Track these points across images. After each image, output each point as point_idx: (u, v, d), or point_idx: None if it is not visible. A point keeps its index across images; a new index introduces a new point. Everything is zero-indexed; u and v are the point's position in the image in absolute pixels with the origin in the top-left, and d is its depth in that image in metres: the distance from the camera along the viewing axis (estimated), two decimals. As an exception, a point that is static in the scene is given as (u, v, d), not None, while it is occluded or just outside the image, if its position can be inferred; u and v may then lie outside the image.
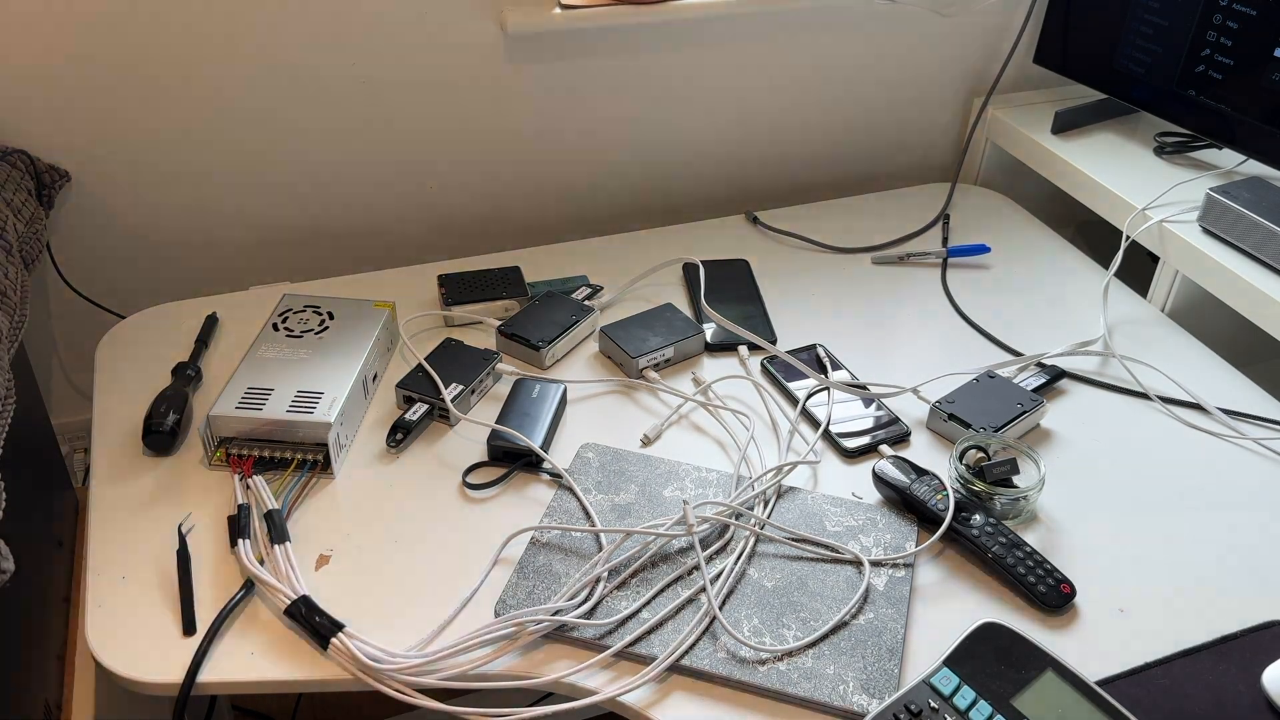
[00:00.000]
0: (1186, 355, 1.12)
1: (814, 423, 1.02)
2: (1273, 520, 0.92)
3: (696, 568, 0.85)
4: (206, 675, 0.77)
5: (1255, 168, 1.28)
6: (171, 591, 0.83)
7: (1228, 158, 1.32)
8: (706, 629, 0.80)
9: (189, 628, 0.79)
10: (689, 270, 1.23)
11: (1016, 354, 1.12)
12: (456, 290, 1.15)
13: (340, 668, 0.77)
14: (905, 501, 0.91)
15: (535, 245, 1.34)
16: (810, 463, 0.97)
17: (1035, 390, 1.05)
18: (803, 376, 1.06)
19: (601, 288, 1.19)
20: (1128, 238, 1.22)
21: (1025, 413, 0.99)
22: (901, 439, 1.00)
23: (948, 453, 0.99)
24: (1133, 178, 1.28)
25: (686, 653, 0.78)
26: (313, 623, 0.78)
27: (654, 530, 0.86)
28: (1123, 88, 1.31)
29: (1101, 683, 0.77)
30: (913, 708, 0.72)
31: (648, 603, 0.81)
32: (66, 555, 1.03)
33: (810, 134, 1.44)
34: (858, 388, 1.05)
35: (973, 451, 0.93)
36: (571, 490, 0.92)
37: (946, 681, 0.73)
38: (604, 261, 1.25)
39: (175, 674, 0.76)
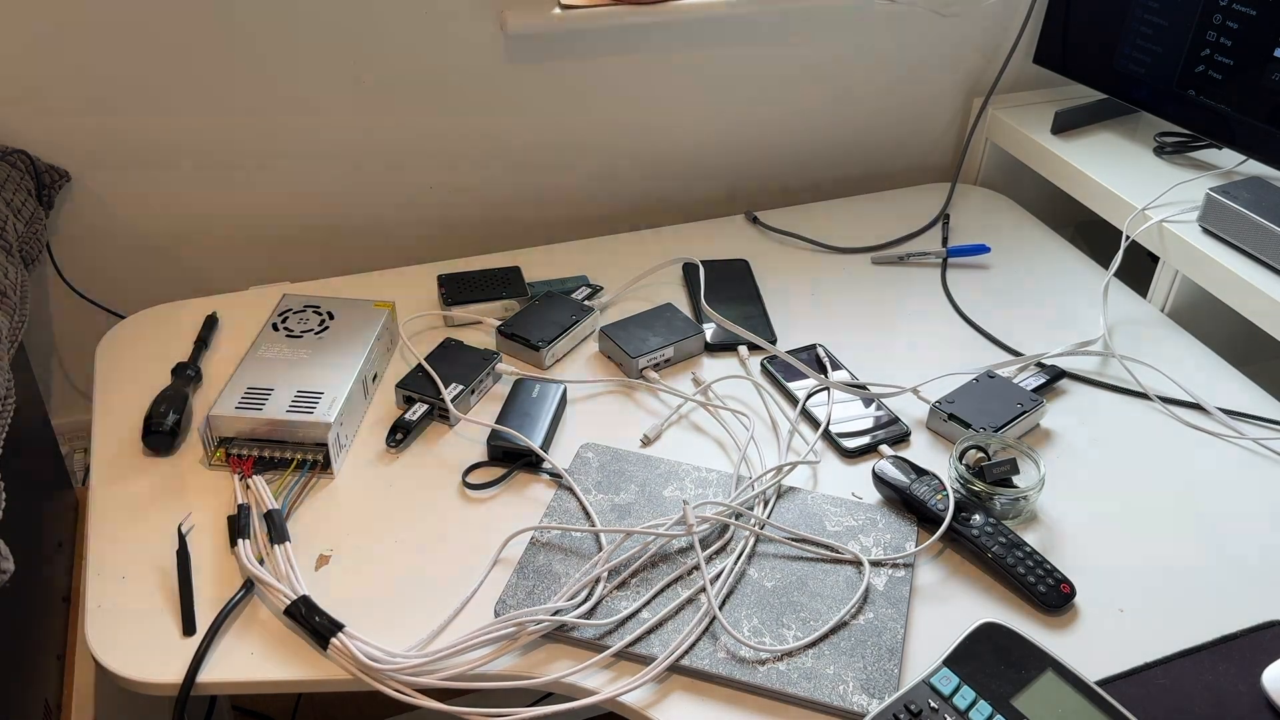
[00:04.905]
0: (1186, 355, 1.12)
1: (814, 423, 1.02)
2: (1272, 520, 0.92)
3: (696, 568, 0.85)
4: (206, 675, 0.77)
5: (1255, 168, 1.28)
6: (171, 591, 0.83)
7: (1228, 158, 1.32)
8: (706, 629, 0.80)
9: (189, 628, 0.79)
10: (689, 270, 1.23)
11: (1016, 354, 1.12)
12: (456, 290, 1.15)
13: (340, 668, 0.77)
14: (905, 501, 0.91)
15: (535, 245, 1.34)
16: (810, 463, 0.97)
17: (1035, 390, 1.04)
18: (803, 376, 1.06)
19: (601, 288, 1.19)
20: (1128, 238, 1.22)
21: (1025, 413, 0.99)
22: (901, 439, 1.00)
23: (948, 453, 0.99)
24: (1133, 178, 1.28)
25: (686, 653, 0.78)
26: (312, 623, 0.78)
27: (654, 530, 0.86)
28: (1123, 88, 1.31)
29: (1101, 683, 0.77)
30: (913, 708, 0.72)
31: (648, 603, 0.81)
32: (66, 555, 1.03)
33: (810, 134, 1.44)
34: (858, 388, 1.05)
35: (973, 451, 0.93)
36: (571, 490, 0.92)
37: (946, 681, 0.73)
38: (604, 261, 1.25)
39: (175, 674, 0.76)
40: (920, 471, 0.92)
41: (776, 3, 1.26)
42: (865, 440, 0.99)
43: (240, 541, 0.85)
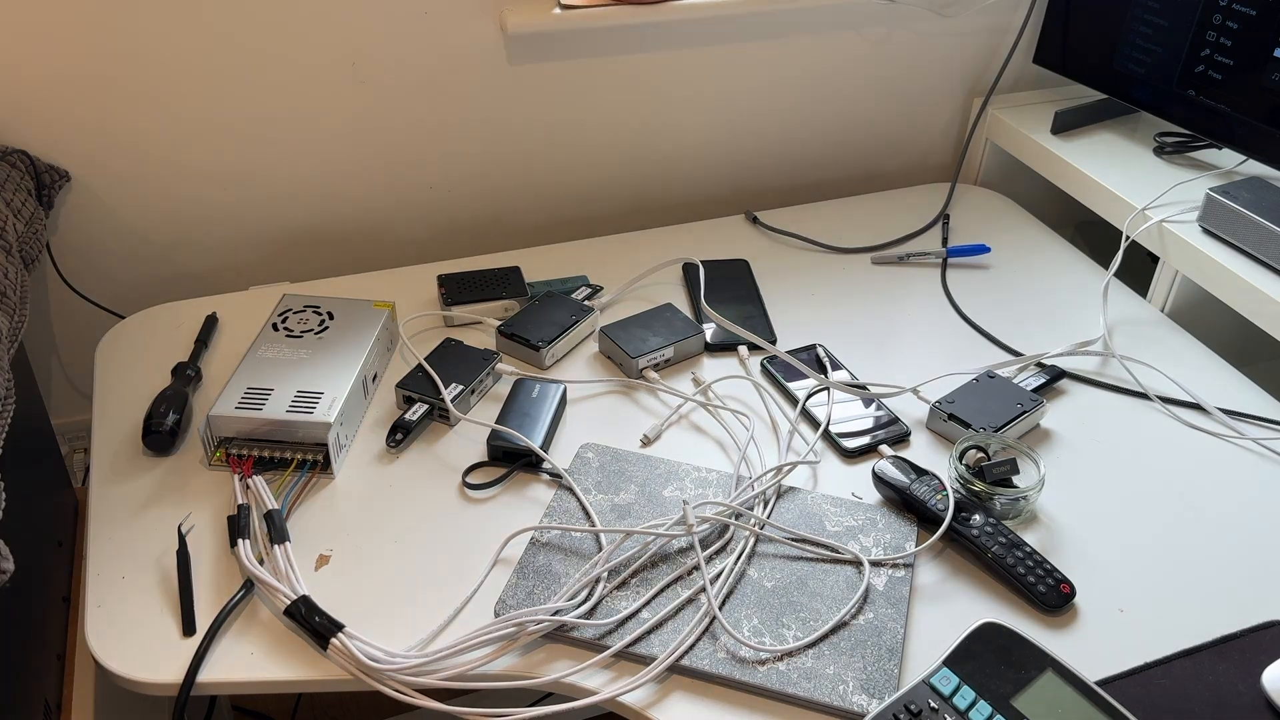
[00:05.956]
0: (1186, 355, 1.12)
1: (814, 423, 1.02)
2: (1272, 520, 0.92)
3: (696, 568, 0.85)
4: (206, 675, 0.77)
5: (1255, 168, 1.28)
6: (171, 591, 0.83)
7: (1228, 158, 1.32)
8: (706, 629, 0.80)
9: (189, 628, 0.79)
10: (689, 270, 1.23)
11: (1016, 354, 1.12)
12: (456, 290, 1.15)
13: (340, 668, 0.77)
14: (905, 501, 0.91)
15: (535, 245, 1.34)
16: (810, 463, 0.97)
17: (1035, 390, 1.04)
18: (803, 376, 1.06)
19: (601, 288, 1.19)
20: (1128, 238, 1.22)
21: (1025, 413, 0.99)
22: (901, 439, 1.00)
23: (948, 453, 0.99)
24: (1133, 178, 1.28)
25: (686, 653, 0.78)
26: (312, 623, 0.78)
27: (654, 530, 0.86)
28: (1123, 88, 1.31)
29: (1101, 683, 0.77)
30: (912, 708, 0.72)
31: (648, 603, 0.81)
32: (66, 555, 1.03)
33: (810, 134, 1.44)
34: (858, 388, 1.05)
35: (973, 451, 0.93)
36: (571, 490, 0.92)
37: (946, 681, 0.73)
38: (604, 261, 1.25)
39: (175, 674, 0.76)
40: (920, 471, 0.92)
41: (776, 2, 1.26)
42: (865, 440, 0.99)
43: (240, 541, 0.85)
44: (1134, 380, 1.08)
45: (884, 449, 0.98)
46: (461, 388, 1.00)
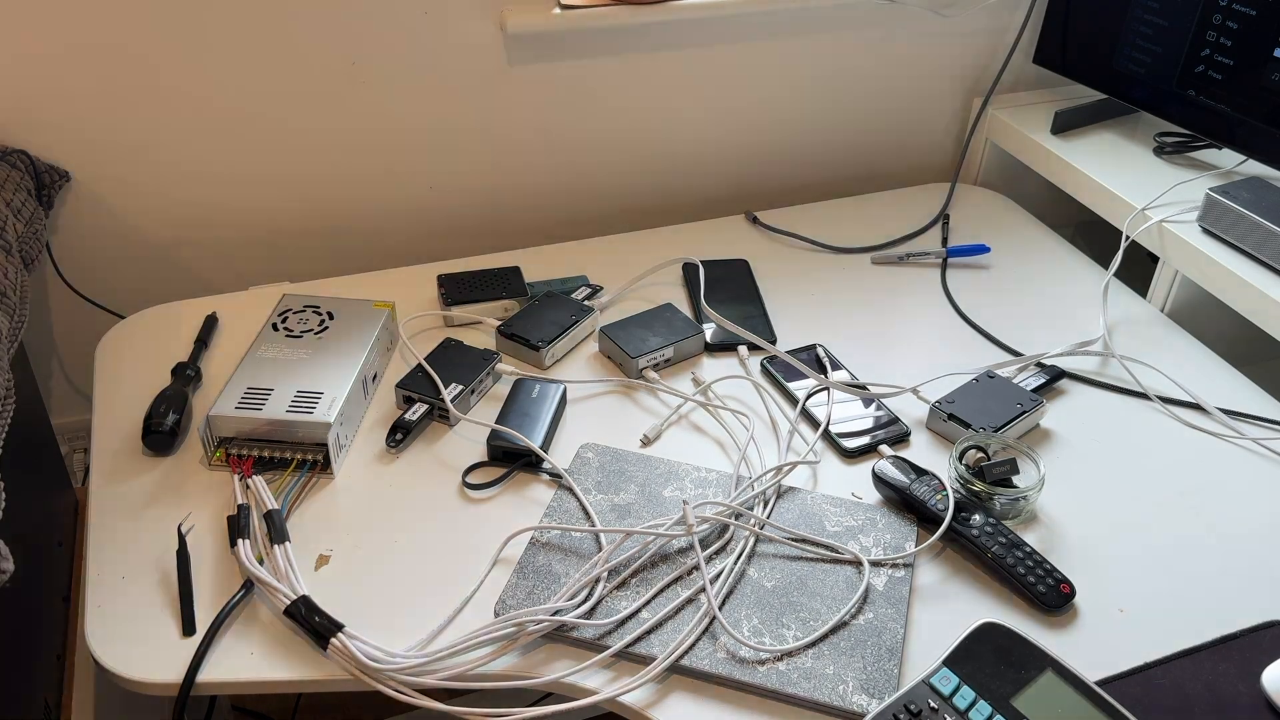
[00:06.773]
0: (1186, 355, 1.12)
1: (814, 423, 1.02)
2: (1273, 520, 0.92)
3: (696, 568, 0.85)
4: (206, 675, 0.77)
5: (1255, 168, 1.28)
6: (171, 591, 0.83)
7: (1228, 158, 1.32)
8: (706, 629, 0.80)
9: (188, 628, 0.79)
10: (689, 270, 1.23)
11: (1016, 354, 1.12)
12: (456, 290, 1.15)
13: (340, 668, 0.77)
14: (905, 501, 0.91)
15: (535, 245, 1.34)
16: (810, 463, 0.97)
17: (1035, 390, 1.04)
18: (802, 376, 1.06)
19: (601, 288, 1.19)
20: (1128, 238, 1.22)
21: (1025, 413, 0.99)
22: (901, 439, 1.00)
23: (947, 453, 0.99)
24: (1132, 178, 1.28)
25: (686, 653, 0.78)
26: (312, 623, 0.78)
27: (654, 530, 0.86)
28: (1122, 88, 1.31)
29: (1101, 683, 0.77)
30: (912, 708, 0.72)
31: (647, 603, 0.81)
32: (66, 555, 1.03)
33: (810, 134, 1.44)
34: (857, 388, 1.05)
35: (972, 451, 0.93)
36: (571, 490, 0.92)
37: (946, 681, 0.73)
38: (604, 261, 1.25)
39: (175, 674, 0.76)
40: (920, 471, 0.92)
41: (776, 2, 1.26)
42: (865, 440, 0.99)
43: (240, 541, 0.85)
44: (1134, 380, 1.08)
45: (884, 449, 0.98)
46: (461, 388, 1.00)
